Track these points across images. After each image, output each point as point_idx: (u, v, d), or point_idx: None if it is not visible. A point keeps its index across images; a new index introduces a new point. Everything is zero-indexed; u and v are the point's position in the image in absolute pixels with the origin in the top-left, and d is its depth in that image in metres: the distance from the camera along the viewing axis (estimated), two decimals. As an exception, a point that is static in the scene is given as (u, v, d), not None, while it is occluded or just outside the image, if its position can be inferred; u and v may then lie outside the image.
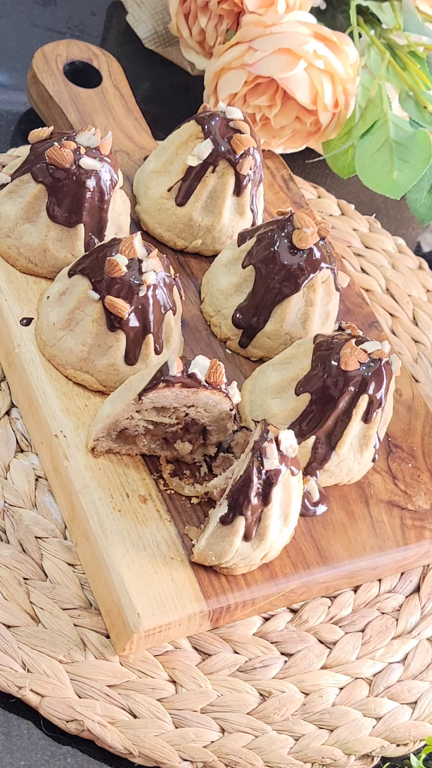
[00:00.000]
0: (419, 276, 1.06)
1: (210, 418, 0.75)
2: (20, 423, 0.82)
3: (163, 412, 0.74)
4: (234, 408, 0.75)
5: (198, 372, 0.72)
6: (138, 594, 0.71)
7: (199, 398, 0.73)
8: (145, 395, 0.72)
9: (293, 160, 1.09)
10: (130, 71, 1.07)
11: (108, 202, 0.83)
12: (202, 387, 0.72)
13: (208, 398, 0.73)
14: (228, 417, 0.75)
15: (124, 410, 0.73)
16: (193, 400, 0.73)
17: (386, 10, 1.09)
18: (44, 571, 0.76)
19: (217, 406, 0.74)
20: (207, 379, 0.72)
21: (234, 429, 0.76)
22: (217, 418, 0.75)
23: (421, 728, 0.78)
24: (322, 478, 0.81)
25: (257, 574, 0.75)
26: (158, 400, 0.73)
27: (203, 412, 0.74)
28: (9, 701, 0.72)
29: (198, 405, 0.74)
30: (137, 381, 0.74)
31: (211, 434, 0.77)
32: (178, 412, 0.74)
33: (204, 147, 0.87)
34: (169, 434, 0.76)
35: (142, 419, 0.74)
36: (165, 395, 0.72)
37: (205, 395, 0.73)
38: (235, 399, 0.74)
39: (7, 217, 0.83)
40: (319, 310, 0.85)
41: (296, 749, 0.75)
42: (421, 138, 0.98)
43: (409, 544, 0.82)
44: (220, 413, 0.75)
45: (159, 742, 0.72)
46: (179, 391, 0.72)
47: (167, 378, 0.72)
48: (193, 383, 0.72)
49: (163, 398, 0.72)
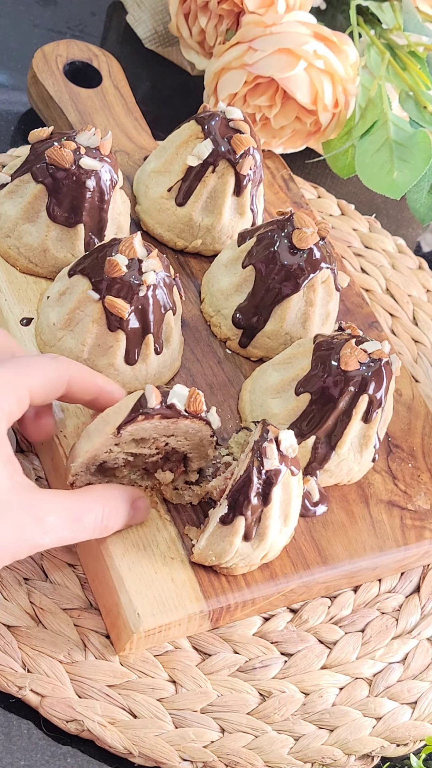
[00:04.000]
0: (419, 276, 1.06)
1: (190, 446, 0.73)
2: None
3: (143, 443, 0.72)
4: (215, 434, 0.73)
5: (177, 402, 0.70)
6: (138, 594, 0.71)
7: (179, 428, 0.71)
8: (124, 428, 0.70)
9: (293, 160, 1.09)
10: (130, 71, 1.07)
11: (108, 202, 0.83)
12: (182, 417, 0.70)
13: (188, 427, 0.71)
14: (209, 443, 0.74)
15: (103, 444, 0.71)
16: (173, 430, 0.71)
17: (386, 10, 1.09)
18: (44, 571, 0.76)
19: (197, 434, 0.72)
20: (186, 409, 0.71)
21: (215, 455, 0.75)
22: (197, 445, 0.73)
23: (421, 728, 0.78)
24: (322, 478, 0.81)
25: (257, 574, 0.75)
26: (137, 432, 0.70)
27: (183, 441, 0.73)
28: (9, 701, 0.72)
29: (178, 434, 0.72)
30: (114, 414, 0.71)
31: (191, 461, 0.75)
32: (157, 442, 0.72)
33: (204, 147, 0.87)
34: (149, 464, 0.74)
35: (122, 452, 0.72)
36: (144, 427, 0.70)
37: (185, 424, 0.71)
38: (215, 424, 0.72)
39: (7, 217, 0.83)
40: (319, 310, 0.85)
41: (296, 749, 0.75)
42: (421, 138, 0.98)
43: (409, 544, 0.82)
44: (200, 440, 0.73)
45: (159, 742, 0.72)
46: (159, 423, 0.70)
47: (146, 410, 0.69)
48: (173, 413, 0.70)
49: (143, 430, 0.70)
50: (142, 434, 0.71)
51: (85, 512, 0.69)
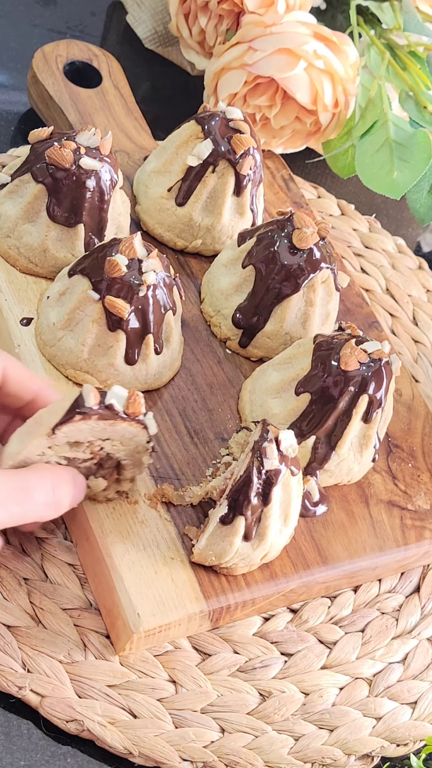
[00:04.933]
0: (419, 276, 1.06)
1: (126, 452, 0.70)
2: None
3: (77, 446, 0.68)
4: (152, 440, 0.69)
5: (116, 402, 0.67)
6: (138, 594, 0.71)
7: (117, 430, 0.68)
8: (60, 429, 0.65)
9: (293, 160, 1.09)
10: (130, 71, 1.07)
11: (108, 202, 0.83)
12: (120, 418, 0.67)
13: (126, 430, 0.68)
14: (144, 449, 0.70)
15: (36, 446, 0.67)
16: (109, 433, 0.68)
17: (386, 10, 1.09)
18: (44, 571, 0.76)
19: (134, 439, 0.69)
20: (125, 410, 0.67)
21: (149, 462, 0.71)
22: (133, 451, 0.70)
23: (421, 728, 0.78)
24: (322, 478, 0.81)
25: (257, 574, 0.75)
26: (73, 434, 0.66)
27: (119, 446, 0.69)
28: (9, 701, 0.72)
29: (114, 438, 0.68)
30: (48, 415, 0.67)
31: (125, 469, 0.72)
32: (92, 446, 0.68)
33: (204, 147, 0.87)
34: (83, 470, 0.70)
35: (54, 455, 0.68)
36: (81, 428, 0.66)
37: (122, 427, 0.67)
38: (152, 430, 0.69)
39: (7, 217, 0.84)
40: (319, 310, 0.85)
41: (296, 749, 0.75)
42: (421, 138, 0.99)
43: (409, 544, 0.82)
44: (136, 446, 0.70)
45: (159, 742, 0.72)
46: (96, 424, 0.66)
47: (83, 410, 0.65)
48: (111, 415, 0.66)
49: (79, 432, 0.66)
50: (77, 436, 0.67)
51: (34, 487, 0.66)
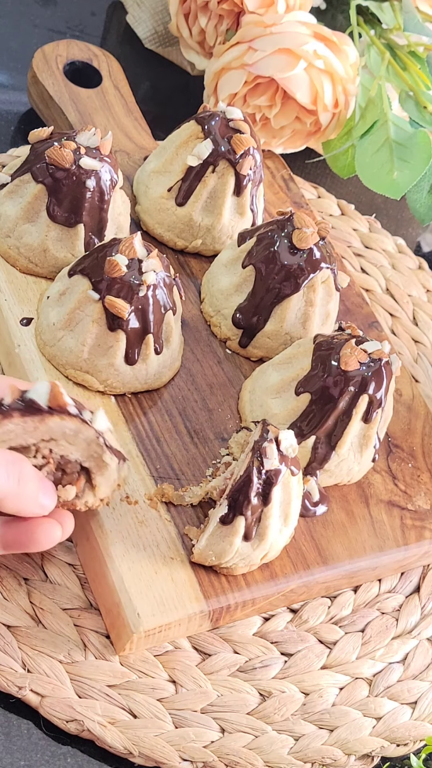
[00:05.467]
0: (419, 276, 1.06)
1: (81, 452, 0.65)
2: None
3: (26, 452, 0.64)
4: (101, 436, 0.65)
5: (36, 398, 0.63)
6: (138, 594, 0.71)
7: (50, 428, 0.63)
8: None
9: (293, 160, 1.09)
10: (130, 71, 1.07)
11: (108, 202, 0.83)
12: (46, 413, 0.62)
13: (62, 426, 0.63)
14: (98, 447, 0.65)
15: None
16: (46, 432, 0.63)
17: (386, 10, 1.09)
18: (44, 571, 0.76)
19: (79, 436, 0.64)
20: (49, 404, 0.63)
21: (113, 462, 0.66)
22: (87, 451, 0.65)
23: (421, 728, 0.78)
24: (322, 478, 0.81)
25: (257, 574, 0.75)
26: (6, 435, 0.63)
27: (68, 446, 0.65)
28: (9, 701, 0.72)
29: (57, 437, 0.64)
30: None
31: (93, 473, 0.67)
32: (41, 451, 0.65)
33: (204, 147, 0.87)
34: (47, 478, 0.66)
35: None
36: (9, 429, 0.62)
37: (55, 423, 0.63)
38: (99, 425, 0.64)
39: (7, 217, 0.84)
40: (319, 310, 0.85)
41: (296, 749, 0.75)
42: (421, 138, 0.99)
43: (409, 544, 0.82)
44: (88, 444, 0.65)
45: (159, 742, 0.72)
46: (24, 422, 0.62)
47: (2, 409, 0.62)
48: (33, 410, 0.62)
49: (10, 433, 0.62)
50: (14, 440, 0.63)
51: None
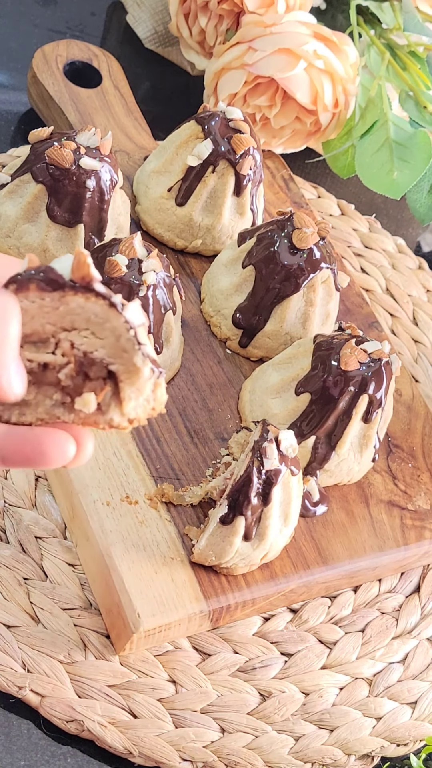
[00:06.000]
0: (419, 276, 1.06)
1: (109, 350, 0.52)
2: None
3: (42, 346, 0.52)
4: (134, 329, 0.51)
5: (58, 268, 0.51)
6: (138, 594, 0.71)
7: (73, 309, 0.51)
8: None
9: (293, 160, 1.09)
10: (130, 71, 1.07)
11: (108, 202, 0.83)
12: (67, 288, 0.50)
13: (85, 308, 0.51)
14: (130, 345, 0.51)
15: None
16: (65, 316, 0.51)
17: (386, 10, 1.09)
18: (44, 571, 0.76)
19: (106, 325, 0.51)
20: (72, 277, 0.50)
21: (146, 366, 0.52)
22: (115, 346, 0.52)
23: (421, 728, 0.78)
24: (322, 478, 0.81)
25: (257, 574, 0.75)
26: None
27: (92, 338, 0.52)
28: (9, 701, 0.72)
29: (79, 325, 0.52)
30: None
31: (120, 381, 0.52)
32: (61, 344, 0.52)
33: (204, 147, 0.87)
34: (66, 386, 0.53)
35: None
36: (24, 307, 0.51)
37: (78, 303, 0.51)
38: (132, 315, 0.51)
39: (7, 217, 0.84)
40: (319, 310, 0.85)
41: (296, 749, 0.75)
42: (421, 138, 0.99)
43: (409, 544, 0.82)
44: (116, 338, 0.52)
45: (159, 742, 0.72)
46: (39, 296, 0.51)
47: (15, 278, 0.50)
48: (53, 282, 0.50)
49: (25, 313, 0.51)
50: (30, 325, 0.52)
51: None
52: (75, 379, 0.53)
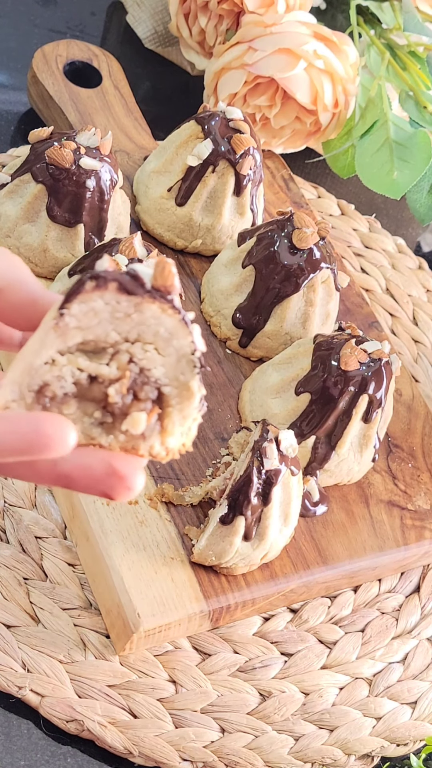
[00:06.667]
0: (419, 276, 1.06)
1: (168, 370, 0.49)
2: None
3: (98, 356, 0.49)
4: (197, 350, 0.49)
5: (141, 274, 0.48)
6: (138, 594, 0.71)
7: (145, 319, 0.48)
8: (69, 307, 0.47)
9: (293, 160, 1.09)
10: (130, 71, 1.07)
11: (108, 202, 0.83)
12: (147, 295, 0.48)
13: (159, 321, 0.48)
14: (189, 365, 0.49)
15: (41, 345, 0.48)
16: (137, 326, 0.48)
17: (386, 10, 1.09)
18: (44, 571, 0.76)
19: (172, 341, 0.49)
20: (154, 284, 0.48)
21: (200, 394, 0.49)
22: (174, 367, 0.49)
23: (421, 728, 0.78)
24: (322, 478, 0.81)
25: (257, 574, 0.75)
26: (88, 320, 0.48)
27: (154, 356, 0.49)
28: (9, 701, 0.72)
29: (145, 336, 0.48)
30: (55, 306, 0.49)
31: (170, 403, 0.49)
32: (119, 356, 0.49)
33: (204, 147, 0.87)
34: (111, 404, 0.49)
35: (69, 365, 0.48)
36: (97, 310, 0.48)
37: (153, 313, 0.48)
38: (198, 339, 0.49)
39: (7, 217, 0.83)
40: (319, 310, 0.85)
41: (296, 749, 0.75)
42: (421, 138, 0.98)
43: (409, 544, 0.82)
44: (178, 358, 0.49)
45: (159, 742, 0.72)
46: (116, 299, 0.48)
47: (97, 274, 0.48)
48: (135, 286, 0.48)
49: (95, 317, 0.48)
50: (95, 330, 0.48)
51: None
52: (125, 397, 0.49)
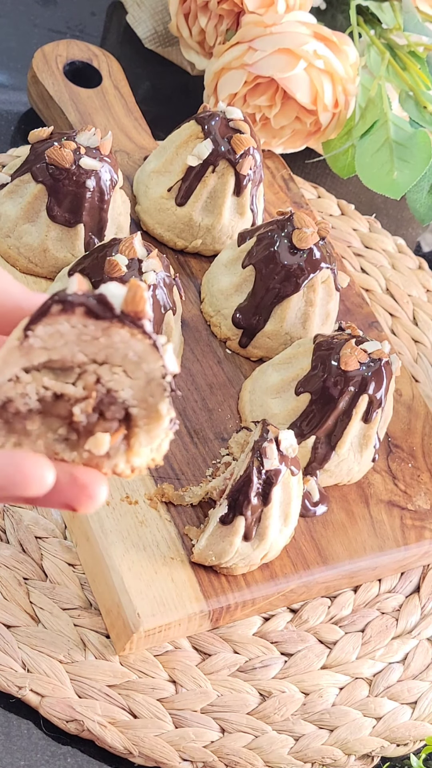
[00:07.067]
0: (419, 276, 1.06)
1: (135, 392, 0.48)
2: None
3: (65, 375, 0.48)
4: (168, 373, 0.48)
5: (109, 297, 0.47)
6: (138, 594, 0.71)
7: (113, 343, 0.47)
8: (34, 328, 0.47)
9: (293, 160, 1.09)
10: (130, 71, 1.07)
11: (108, 202, 0.83)
12: (116, 319, 0.47)
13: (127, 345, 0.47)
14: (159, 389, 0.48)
15: (5, 363, 0.48)
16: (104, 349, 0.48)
17: (386, 10, 1.09)
18: (44, 571, 0.76)
19: (141, 365, 0.48)
20: (123, 308, 0.47)
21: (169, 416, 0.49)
22: (143, 390, 0.48)
23: (421, 728, 0.78)
24: (322, 478, 0.81)
25: (257, 574, 0.75)
26: (54, 341, 0.47)
27: (122, 378, 0.48)
28: (9, 701, 0.72)
29: (113, 360, 0.48)
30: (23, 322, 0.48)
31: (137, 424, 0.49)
32: (85, 376, 0.48)
33: (204, 147, 0.87)
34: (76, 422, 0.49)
35: (34, 382, 0.48)
36: (63, 332, 0.47)
37: (121, 338, 0.47)
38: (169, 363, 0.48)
39: (7, 217, 0.84)
40: (319, 310, 0.85)
41: (296, 749, 0.75)
42: (421, 138, 0.98)
43: (409, 544, 0.82)
44: (147, 381, 0.48)
45: (159, 742, 0.72)
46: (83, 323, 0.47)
47: (64, 297, 0.46)
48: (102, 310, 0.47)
49: (61, 338, 0.47)
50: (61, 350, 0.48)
51: None
52: (90, 416, 0.49)
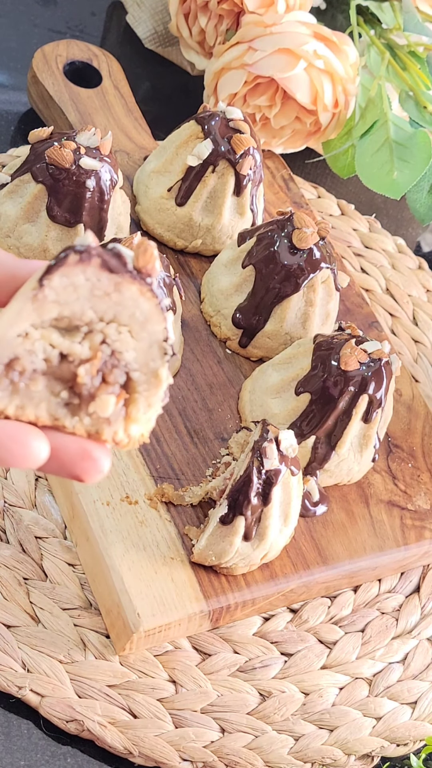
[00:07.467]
0: (419, 276, 1.06)
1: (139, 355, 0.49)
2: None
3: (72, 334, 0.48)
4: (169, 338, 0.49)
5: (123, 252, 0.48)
6: (138, 594, 0.71)
7: (123, 300, 0.48)
8: (50, 278, 0.47)
9: (293, 160, 1.09)
10: (130, 71, 1.07)
11: (108, 202, 0.83)
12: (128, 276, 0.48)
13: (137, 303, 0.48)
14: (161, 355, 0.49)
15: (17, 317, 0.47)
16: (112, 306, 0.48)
17: (386, 10, 1.09)
18: (44, 571, 0.76)
19: (147, 326, 0.49)
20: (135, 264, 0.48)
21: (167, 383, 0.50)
22: (146, 355, 0.49)
23: (421, 728, 0.78)
24: (322, 478, 0.81)
25: (257, 574, 0.75)
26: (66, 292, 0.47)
27: (127, 339, 0.49)
28: (9, 701, 0.72)
29: (121, 318, 0.48)
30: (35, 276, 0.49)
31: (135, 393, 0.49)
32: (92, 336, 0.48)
33: (204, 147, 0.87)
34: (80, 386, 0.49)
35: (42, 342, 0.48)
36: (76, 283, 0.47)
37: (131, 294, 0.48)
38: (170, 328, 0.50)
39: (7, 217, 0.84)
40: (319, 310, 0.85)
41: (296, 749, 0.75)
42: (421, 138, 0.99)
43: (409, 544, 0.82)
44: (150, 346, 0.49)
45: (159, 742, 0.72)
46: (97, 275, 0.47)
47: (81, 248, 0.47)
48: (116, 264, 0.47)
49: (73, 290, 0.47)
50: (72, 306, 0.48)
51: None
52: (93, 378, 0.49)
